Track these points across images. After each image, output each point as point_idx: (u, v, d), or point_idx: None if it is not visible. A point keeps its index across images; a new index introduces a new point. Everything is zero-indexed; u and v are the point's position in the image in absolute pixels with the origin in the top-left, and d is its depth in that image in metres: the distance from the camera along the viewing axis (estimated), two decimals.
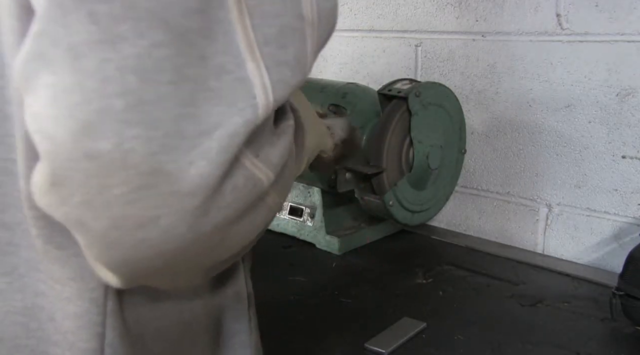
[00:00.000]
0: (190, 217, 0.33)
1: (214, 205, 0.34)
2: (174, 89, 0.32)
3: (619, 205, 1.05)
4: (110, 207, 0.32)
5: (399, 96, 1.04)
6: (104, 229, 0.32)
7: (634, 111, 1.01)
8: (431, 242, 1.21)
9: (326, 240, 1.14)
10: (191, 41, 0.32)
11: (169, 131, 0.32)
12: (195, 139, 0.32)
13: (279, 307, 0.92)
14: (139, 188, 0.32)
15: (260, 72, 0.34)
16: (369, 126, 1.09)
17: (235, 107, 0.34)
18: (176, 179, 0.32)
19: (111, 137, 0.30)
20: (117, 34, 0.30)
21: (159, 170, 0.31)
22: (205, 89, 0.33)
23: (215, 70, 0.33)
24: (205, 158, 0.32)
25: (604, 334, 0.85)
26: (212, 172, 0.33)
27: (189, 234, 0.34)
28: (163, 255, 0.34)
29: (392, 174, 1.05)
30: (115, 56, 0.30)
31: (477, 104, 1.20)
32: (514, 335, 0.84)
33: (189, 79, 0.32)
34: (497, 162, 1.20)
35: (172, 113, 0.32)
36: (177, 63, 0.32)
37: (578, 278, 1.02)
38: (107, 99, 0.30)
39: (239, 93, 0.34)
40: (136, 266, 0.35)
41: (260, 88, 0.34)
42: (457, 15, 1.20)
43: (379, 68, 1.35)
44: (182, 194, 0.32)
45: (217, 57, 0.33)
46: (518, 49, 1.12)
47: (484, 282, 1.01)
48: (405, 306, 0.92)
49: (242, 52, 0.34)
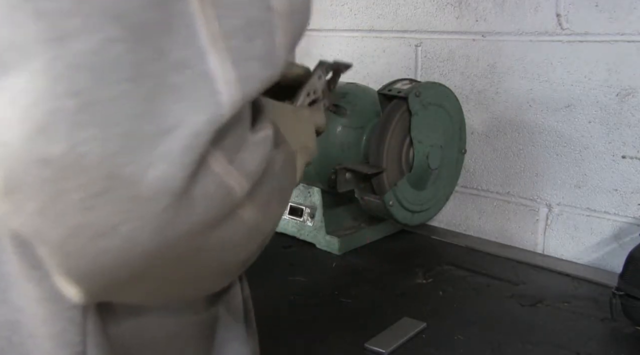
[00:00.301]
0: (154, 223, 0.31)
1: (182, 211, 0.32)
2: (130, 86, 0.30)
3: (619, 205, 1.05)
4: (67, 214, 0.30)
5: (399, 96, 1.04)
6: (61, 238, 0.31)
7: (634, 111, 1.01)
8: (431, 242, 1.21)
9: (326, 240, 1.14)
10: (149, 35, 0.30)
11: (126, 131, 0.30)
12: (155, 139, 0.30)
13: (279, 307, 0.92)
14: (97, 193, 0.30)
15: (225, 66, 0.32)
16: (369, 126, 1.09)
17: (198, 103, 0.31)
18: (136, 182, 0.30)
19: (64, 139, 0.29)
20: (67, 31, 0.29)
21: (116, 173, 0.30)
22: (165, 86, 0.31)
23: (175, 65, 0.31)
24: (166, 159, 0.30)
25: (604, 334, 0.85)
26: (175, 174, 0.31)
27: (153, 241, 0.32)
28: (127, 266, 0.32)
29: (392, 174, 1.05)
30: (64, 53, 0.29)
31: (477, 104, 1.20)
32: (514, 335, 0.84)
33: (147, 75, 0.30)
34: (497, 162, 1.20)
35: (129, 112, 0.30)
36: (133, 59, 0.30)
37: (578, 278, 1.02)
38: (59, 100, 0.29)
39: (201, 89, 0.32)
40: (100, 278, 0.33)
41: (224, 83, 0.32)
42: (457, 15, 1.20)
43: (379, 68, 1.35)
44: (143, 199, 0.30)
45: (178, 52, 0.31)
46: (518, 49, 1.12)
47: (484, 282, 1.01)
48: (405, 306, 0.92)
49: (205, 46, 0.32)
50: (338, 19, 1.41)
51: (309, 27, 0.42)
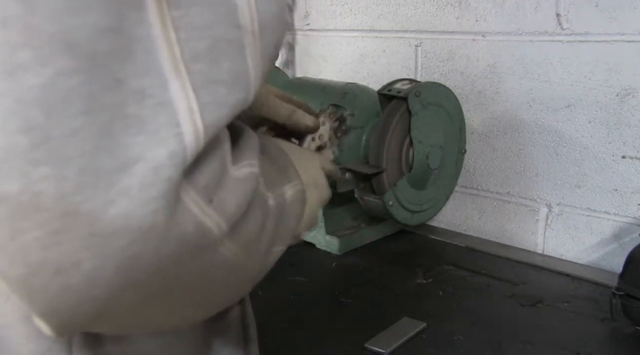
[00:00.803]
0: (117, 260, 0.30)
1: (153, 250, 0.30)
2: (86, 120, 0.28)
3: (619, 205, 1.05)
4: (25, 253, 0.29)
5: (399, 96, 1.04)
6: (22, 276, 0.29)
7: (634, 111, 1.01)
8: (431, 242, 1.21)
9: (326, 240, 1.14)
10: (104, 65, 0.28)
11: (82, 168, 0.28)
12: (113, 175, 0.29)
13: (279, 307, 0.92)
14: (56, 232, 0.28)
15: (187, 93, 0.30)
16: (369, 126, 1.09)
17: (157, 136, 0.29)
18: (95, 220, 0.29)
19: (19, 178, 0.28)
20: (16, 64, 0.27)
21: (74, 212, 0.28)
22: (123, 118, 0.29)
23: (133, 95, 0.29)
24: (126, 195, 0.29)
25: (604, 334, 0.85)
26: (136, 211, 0.29)
27: (117, 277, 0.30)
28: (93, 302, 0.31)
29: (392, 174, 1.05)
30: (15, 87, 0.27)
31: (477, 104, 1.20)
32: (514, 335, 0.84)
33: (104, 108, 0.28)
34: (497, 162, 1.20)
35: (86, 148, 0.28)
36: (88, 91, 0.28)
37: (578, 278, 1.02)
38: (11, 136, 0.27)
39: (161, 120, 0.30)
40: (66, 314, 0.31)
41: (185, 113, 0.30)
42: (457, 15, 1.20)
43: (379, 68, 1.35)
44: (104, 236, 0.29)
45: (136, 80, 0.29)
46: (518, 49, 1.12)
47: (484, 282, 1.01)
48: (405, 306, 0.92)
49: (166, 73, 0.30)
50: (338, 19, 1.41)
51: (309, 27, 0.40)
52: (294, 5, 1.49)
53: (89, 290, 0.30)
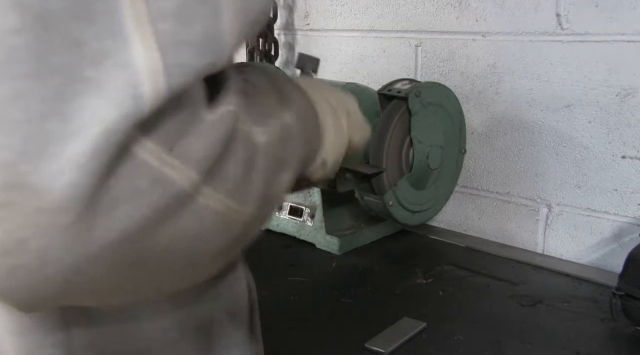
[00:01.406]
0: (65, 237, 0.27)
1: (101, 218, 0.28)
2: (35, 83, 0.26)
3: (619, 205, 1.05)
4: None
5: (399, 96, 1.04)
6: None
7: (634, 111, 1.01)
8: (431, 242, 1.21)
9: (326, 240, 1.14)
10: (59, 24, 0.26)
11: (29, 135, 0.26)
12: (62, 142, 0.26)
13: (279, 307, 0.92)
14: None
15: (151, 54, 0.28)
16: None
17: (112, 98, 0.27)
18: (42, 192, 0.26)
19: None
20: None
21: (20, 183, 0.26)
22: (78, 80, 0.27)
23: (92, 56, 0.27)
24: (74, 164, 0.26)
25: (604, 334, 0.85)
26: (85, 181, 0.27)
27: (68, 256, 0.28)
28: (51, 281, 0.28)
29: (392, 174, 1.05)
30: None
31: (477, 104, 1.20)
32: (514, 335, 0.84)
33: (56, 70, 0.26)
34: (497, 162, 1.20)
35: (33, 113, 0.26)
36: (39, 52, 0.26)
37: (578, 278, 1.02)
38: None
39: (119, 81, 0.27)
40: (22, 293, 0.29)
41: (147, 73, 0.28)
42: (457, 15, 1.20)
43: (379, 68, 1.35)
44: (50, 211, 0.27)
45: (96, 41, 0.27)
46: (518, 49, 1.12)
47: (484, 282, 1.01)
48: (405, 306, 0.92)
49: (129, 33, 0.28)
50: (338, 19, 1.41)
51: (309, 27, 0.40)
52: (294, 5, 1.49)
53: (41, 270, 0.28)
